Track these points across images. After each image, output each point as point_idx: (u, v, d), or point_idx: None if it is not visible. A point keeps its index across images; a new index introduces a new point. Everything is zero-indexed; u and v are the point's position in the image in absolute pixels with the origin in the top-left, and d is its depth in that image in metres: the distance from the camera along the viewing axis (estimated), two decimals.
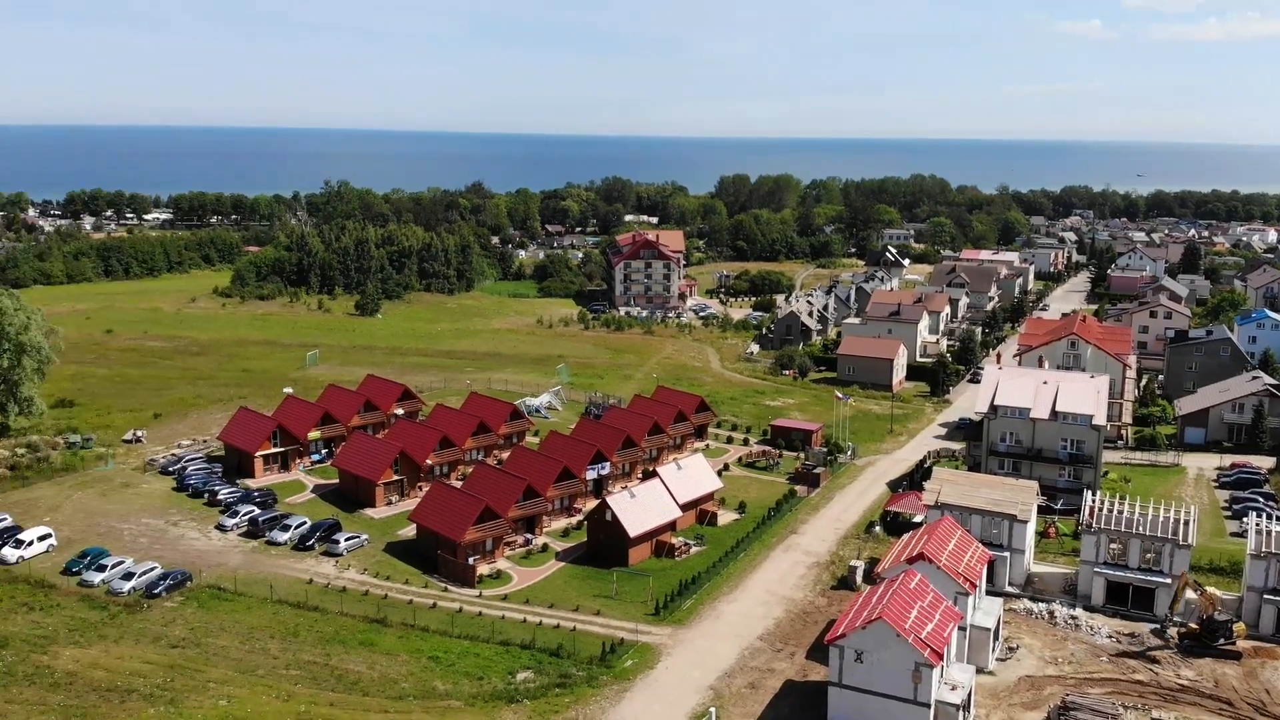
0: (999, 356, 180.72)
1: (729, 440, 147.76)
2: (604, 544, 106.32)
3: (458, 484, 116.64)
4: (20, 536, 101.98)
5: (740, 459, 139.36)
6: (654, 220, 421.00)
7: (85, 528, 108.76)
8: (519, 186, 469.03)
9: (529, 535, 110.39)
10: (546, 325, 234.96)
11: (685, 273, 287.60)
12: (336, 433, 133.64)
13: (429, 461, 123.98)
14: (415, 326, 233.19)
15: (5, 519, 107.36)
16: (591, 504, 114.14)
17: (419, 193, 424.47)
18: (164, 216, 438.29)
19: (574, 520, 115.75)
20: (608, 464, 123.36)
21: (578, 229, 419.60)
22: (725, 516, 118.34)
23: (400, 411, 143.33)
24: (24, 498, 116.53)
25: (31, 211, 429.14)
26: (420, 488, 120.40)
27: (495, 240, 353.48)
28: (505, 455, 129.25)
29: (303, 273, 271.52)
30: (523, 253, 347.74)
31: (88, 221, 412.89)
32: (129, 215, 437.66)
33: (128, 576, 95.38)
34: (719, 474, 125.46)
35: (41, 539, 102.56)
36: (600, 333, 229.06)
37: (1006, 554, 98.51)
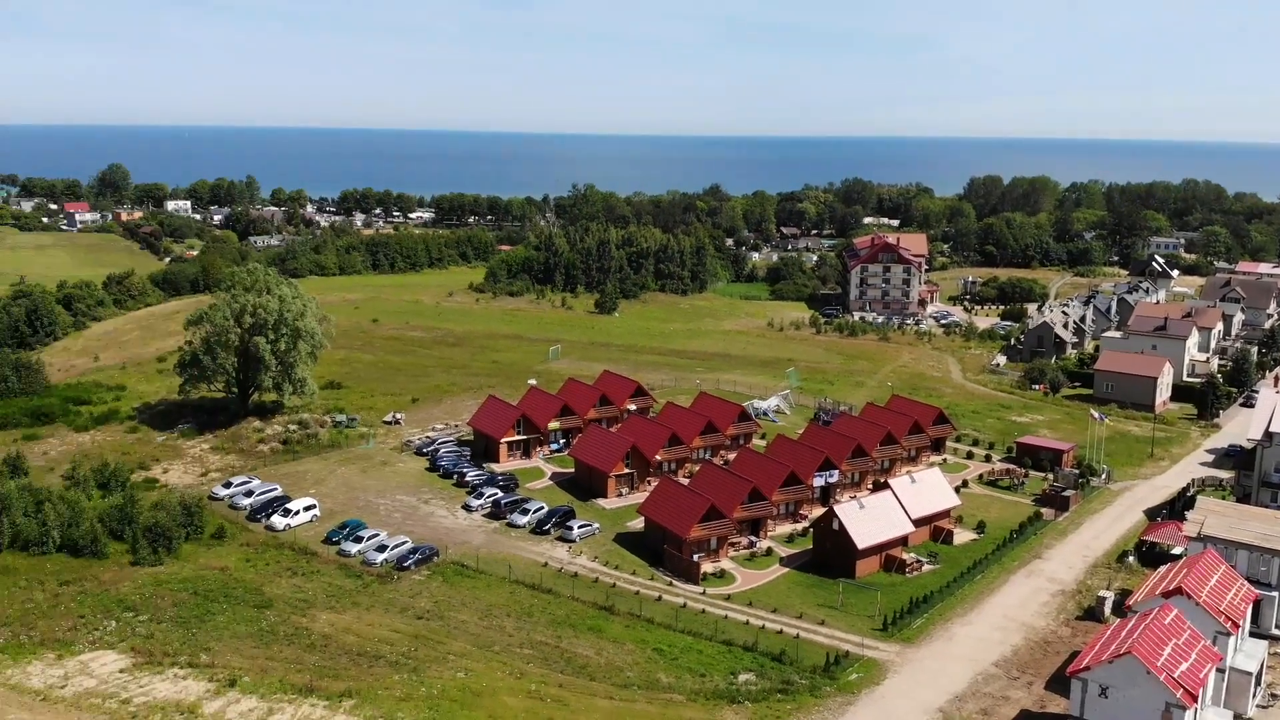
0: (1277, 379, 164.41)
1: (969, 456, 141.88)
2: (830, 553, 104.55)
3: (685, 481, 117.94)
4: (289, 506, 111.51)
5: (980, 476, 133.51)
6: (894, 223, 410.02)
7: (346, 501, 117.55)
8: (756, 189, 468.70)
9: (753, 538, 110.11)
10: (777, 328, 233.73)
11: (926, 278, 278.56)
12: (574, 424, 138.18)
13: (658, 457, 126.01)
14: (649, 325, 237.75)
15: (276, 489, 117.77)
16: (818, 512, 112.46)
17: (659, 195, 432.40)
18: (426, 215, 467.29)
19: (799, 527, 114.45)
20: (836, 472, 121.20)
21: (813, 231, 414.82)
22: (961, 535, 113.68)
23: (633, 407, 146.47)
24: (293, 470, 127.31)
25: (309, 208, 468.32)
26: (649, 482, 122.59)
27: (730, 242, 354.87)
28: (731, 456, 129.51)
29: (549, 271, 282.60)
30: (756, 255, 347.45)
31: (359, 218, 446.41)
32: (395, 213, 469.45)
33: (381, 549, 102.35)
34: (956, 490, 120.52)
35: (307, 509, 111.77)
36: (832, 337, 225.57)
37: (1275, 594, 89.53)
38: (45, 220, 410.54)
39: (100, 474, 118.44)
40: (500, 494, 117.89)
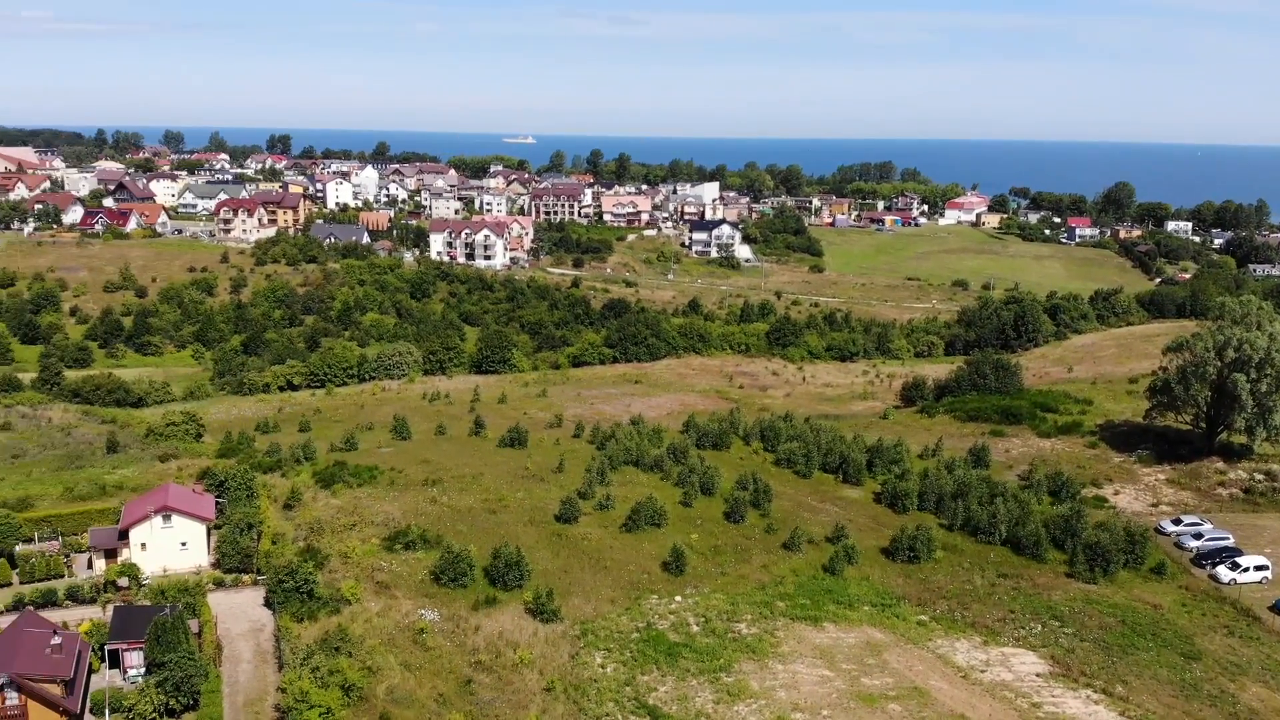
0: None
1: None
2: None
3: None
4: (1238, 560, 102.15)
5: None
6: None
7: None
8: None
9: None
10: None
11: None
12: None
13: None
14: None
15: (1227, 539, 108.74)
16: None
17: None
18: None
19: None
20: None
21: None
22: None
23: None
24: (1249, 522, 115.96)
25: None
26: None
27: None
28: None
29: None
30: None
31: None
32: None
33: None
34: None
35: (1258, 569, 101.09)
36: None
37: None
38: (1047, 232, 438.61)
39: (1053, 481, 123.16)
40: None
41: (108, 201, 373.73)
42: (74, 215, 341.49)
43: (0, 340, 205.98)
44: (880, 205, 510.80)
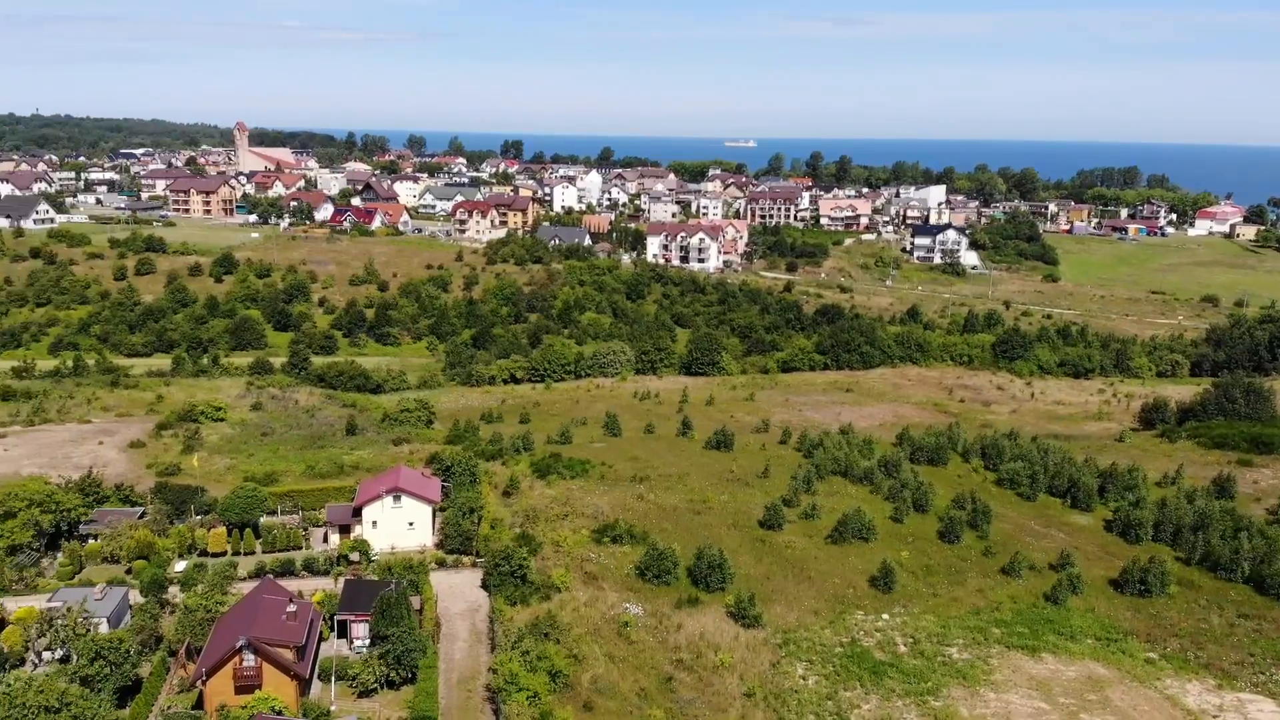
0: None
1: None
2: None
3: None
4: None
5: None
6: None
7: None
8: None
9: None
10: None
11: None
12: None
13: None
14: None
15: None
16: None
17: None
18: None
19: None
20: None
21: None
22: None
23: None
24: None
25: None
26: None
27: None
28: None
29: None
30: None
31: None
32: None
33: None
34: None
35: None
36: None
37: None
38: None
39: None
40: None
41: (355, 200, 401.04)
42: (324, 213, 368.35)
43: (256, 326, 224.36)
44: (1123, 213, 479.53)
